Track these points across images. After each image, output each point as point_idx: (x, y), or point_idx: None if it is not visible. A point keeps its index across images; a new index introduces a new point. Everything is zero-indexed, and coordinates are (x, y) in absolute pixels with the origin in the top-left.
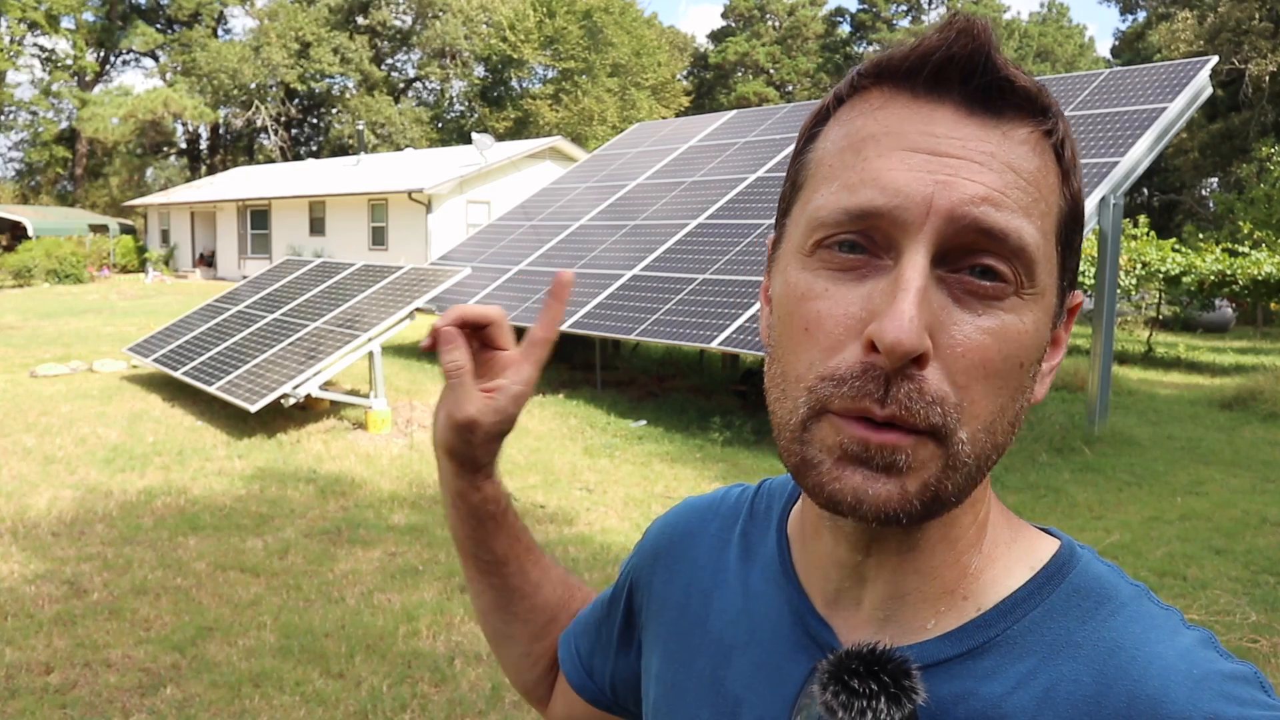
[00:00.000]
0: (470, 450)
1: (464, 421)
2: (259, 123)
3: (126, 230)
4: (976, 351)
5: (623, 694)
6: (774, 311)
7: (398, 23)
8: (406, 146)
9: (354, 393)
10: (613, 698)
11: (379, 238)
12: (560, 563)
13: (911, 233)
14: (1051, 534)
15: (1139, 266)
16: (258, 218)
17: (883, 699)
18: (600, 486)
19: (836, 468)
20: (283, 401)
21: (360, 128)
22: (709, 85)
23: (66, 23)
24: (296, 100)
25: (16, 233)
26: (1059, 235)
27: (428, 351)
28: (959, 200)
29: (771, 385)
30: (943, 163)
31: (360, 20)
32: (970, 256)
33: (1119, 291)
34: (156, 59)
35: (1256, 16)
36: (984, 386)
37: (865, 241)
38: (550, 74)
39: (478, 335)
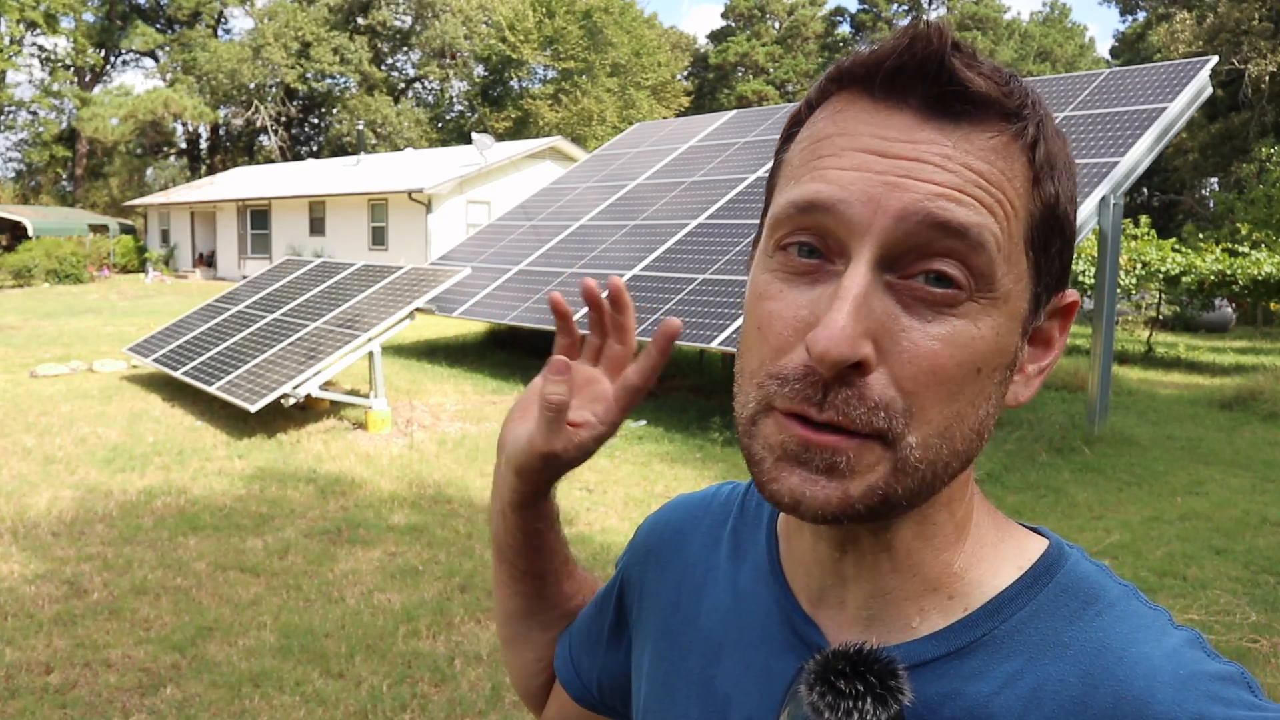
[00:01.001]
0: (540, 478)
1: (547, 454)
2: (259, 123)
3: (126, 230)
4: (925, 358)
5: (609, 692)
6: (745, 309)
7: (397, 23)
8: (406, 146)
9: (354, 393)
10: (599, 696)
11: (379, 238)
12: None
13: (858, 234)
14: (1041, 533)
15: (1139, 266)
16: (258, 218)
17: (869, 700)
18: (600, 486)
19: (776, 467)
20: (283, 401)
21: (360, 128)
22: (709, 85)
23: (66, 23)
24: (296, 100)
25: (16, 233)
26: (1029, 239)
27: (586, 302)
28: (910, 199)
29: (735, 378)
30: (893, 164)
31: (360, 20)
32: (923, 260)
33: (1119, 291)
34: (156, 59)
35: (1256, 17)
36: (935, 393)
37: (820, 245)
38: (550, 74)
39: (604, 319)
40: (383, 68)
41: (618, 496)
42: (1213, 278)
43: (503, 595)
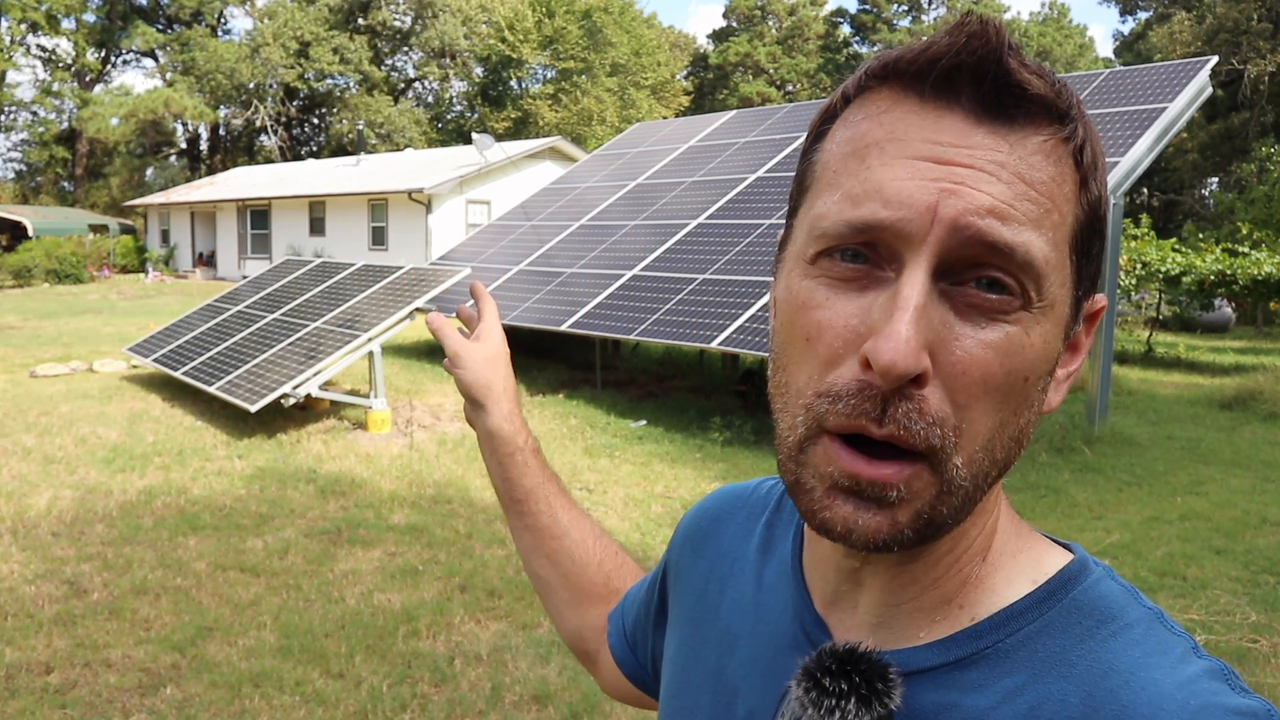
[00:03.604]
0: (476, 375)
1: (451, 354)
2: (259, 123)
3: (126, 230)
4: (978, 368)
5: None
6: (777, 317)
7: (397, 23)
8: (406, 146)
9: (354, 393)
10: (653, 674)
11: (379, 238)
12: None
13: (914, 245)
14: (1068, 548)
15: (1139, 266)
16: (258, 218)
17: (852, 700)
18: (600, 486)
19: (827, 496)
20: (283, 401)
21: (360, 128)
22: (709, 85)
23: (67, 23)
24: (296, 100)
25: (16, 233)
26: (1074, 244)
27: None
28: (964, 210)
29: (775, 394)
30: (949, 171)
31: (360, 20)
32: (975, 270)
33: (1119, 291)
34: (156, 59)
35: (1255, 17)
36: (984, 404)
37: (868, 251)
38: (550, 74)
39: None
40: (383, 68)
41: (618, 496)
42: (1213, 278)
43: (515, 539)
